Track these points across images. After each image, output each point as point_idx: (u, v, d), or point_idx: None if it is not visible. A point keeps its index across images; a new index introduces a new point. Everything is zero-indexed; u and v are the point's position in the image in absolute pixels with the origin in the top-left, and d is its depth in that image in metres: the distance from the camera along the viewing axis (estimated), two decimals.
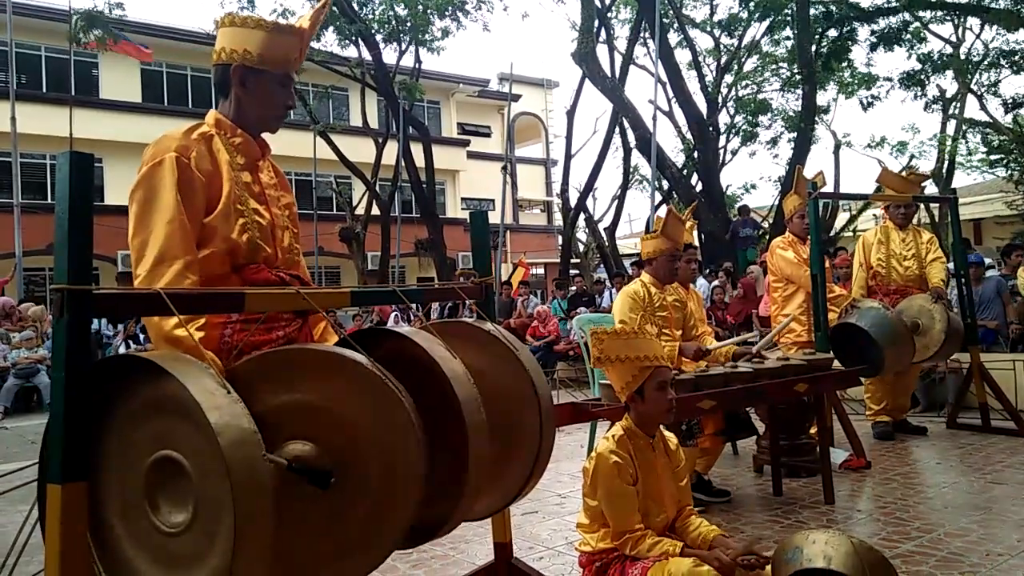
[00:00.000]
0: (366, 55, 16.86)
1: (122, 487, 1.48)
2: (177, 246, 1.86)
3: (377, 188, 18.76)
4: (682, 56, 16.79)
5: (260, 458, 1.39)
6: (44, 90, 20.32)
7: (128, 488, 1.47)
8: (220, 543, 1.35)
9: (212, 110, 2.17)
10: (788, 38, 17.22)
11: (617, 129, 17.18)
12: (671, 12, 16.40)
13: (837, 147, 21.83)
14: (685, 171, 15.85)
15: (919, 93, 17.13)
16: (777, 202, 13.86)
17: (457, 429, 1.75)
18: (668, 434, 2.72)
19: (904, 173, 6.03)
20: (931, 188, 20.48)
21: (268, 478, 1.40)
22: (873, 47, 15.01)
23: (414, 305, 2.29)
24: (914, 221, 6.07)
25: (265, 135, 2.24)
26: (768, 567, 2.31)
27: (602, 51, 15.65)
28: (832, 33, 14.35)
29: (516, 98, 23.06)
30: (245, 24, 2.06)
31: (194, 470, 1.39)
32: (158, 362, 1.43)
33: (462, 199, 27.62)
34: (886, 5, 14.37)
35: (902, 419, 5.85)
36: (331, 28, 16.15)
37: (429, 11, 16.56)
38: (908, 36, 15.68)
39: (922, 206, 17.58)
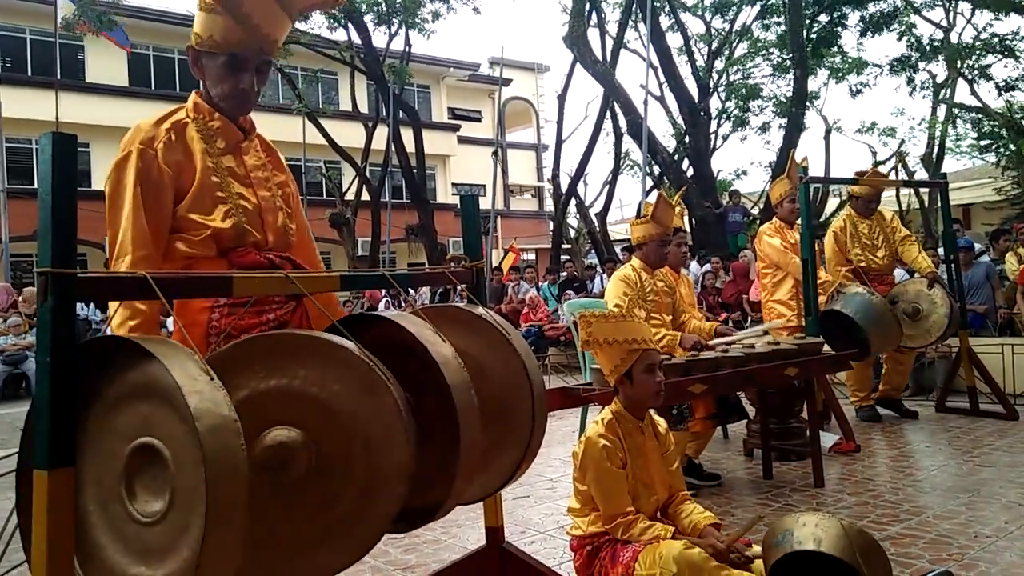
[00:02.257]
0: (355, 38, 16.72)
1: (100, 474, 1.45)
2: (131, 241, 1.87)
3: (367, 173, 18.66)
4: (673, 40, 16.74)
5: (239, 447, 1.36)
6: (29, 73, 20.08)
7: (106, 475, 1.44)
8: (193, 533, 1.32)
9: (195, 92, 2.13)
10: (778, 23, 17.16)
11: (608, 114, 17.12)
12: None
13: (828, 132, 21.87)
14: (676, 156, 15.83)
15: (910, 78, 17.12)
16: (768, 187, 13.86)
17: (448, 415, 1.74)
18: (658, 418, 2.72)
19: (870, 171, 6.00)
20: (921, 173, 20.55)
21: (245, 467, 1.37)
22: (863, 32, 14.99)
23: (410, 291, 2.27)
24: (903, 205, 6.09)
25: (255, 116, 2.21)
26: (758, 548, 2.32)
27: (593, 35, 15.57)
28: (823, 18, 14.32)
29: (507, 83, 22.94)
30: (198, 5, 2.01)
31: (172, 458, 1.37)
32: (142, 344, 1.41)
33: (453, 184, 27.52)
34: None
35: (897, 399, 5.88)
36: (318, 11, 15.98)
37: None
38: (897, 22, 15.64)
39: (912, 191, 17.74)
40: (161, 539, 1.37)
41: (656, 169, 16.17)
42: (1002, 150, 16.03)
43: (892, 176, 6.03)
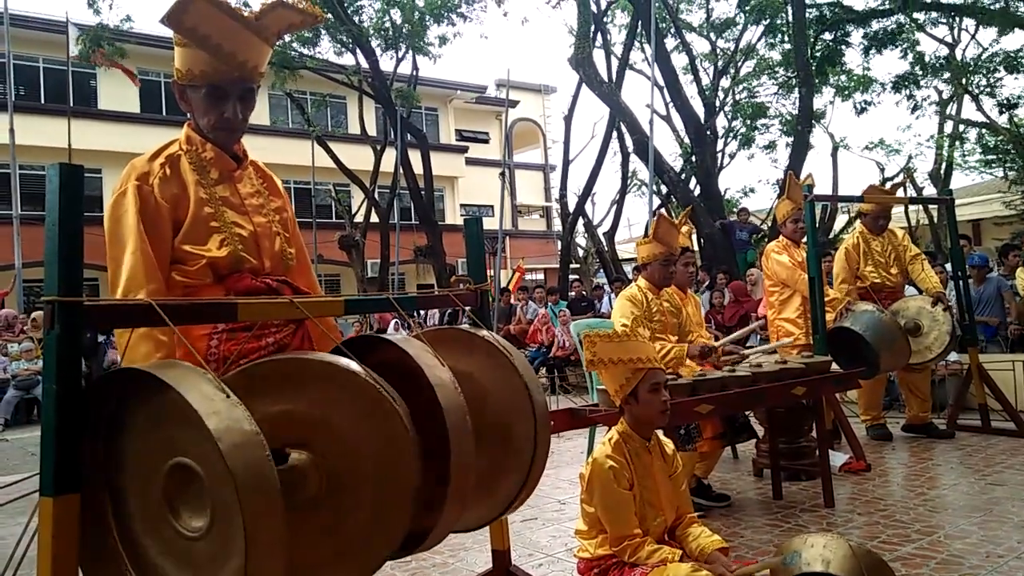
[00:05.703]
0: (363, 63, 16.90)
1: (145, 496, 1.49)
2: (140, 276, 1.89)
3: (376, 195, 18.77)
4: (679, 60, 16.84)
5: (265, 458, 1.39)
6: (42, 101, 20.37)
7: (150, 496, 1.48)
8: (237, 544, 1.36)
9: (186, 124, 2.16)
10: (783, 41, 17.24)
11: (615, 134, 17.19)
12: (667, 16, 16.43)
13: (835, 149, 21.86)
14: (683, 175, 15.85)
15: (910, 94, 17.12)
16: (774, 206, 13.83)
17: (442, 438, 1.75)
18: (665, 439, 2.72)
19: (886, 186, 5.99)
20: (929, 189, 20.49)
21: (274, 477, 1.40)
22: (867, 50, 15.03)
23: (420, 312, 2.28)
24: (913, 222, 6.09)
25: (252, 143, 2.24)
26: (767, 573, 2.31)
27: (599, 56, 15.68)
28: (827, 36, 14.37)
29: (514, 104, 23.06)
30: (174, 40, 2.03)
31: (206, 474, 1.40)
32: (153, 372, 1.43)
33: (461, 205, 27.63)
34: (880, 7, 14.39)
35: (927, 422, 5.79)
36: (326, 36, 16.19)
37: (425, 17, 16.58)
38: (901, 39, 15.67)
39: (920, 208, 17.68)
40: (209, 552, 1.41)
41: (663, 188, 16.20)
42: (1009, 165, 15.98)
43: (900, 192, 6.02)
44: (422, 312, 10.34)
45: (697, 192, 14.40)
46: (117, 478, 1.51)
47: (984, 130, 18.88)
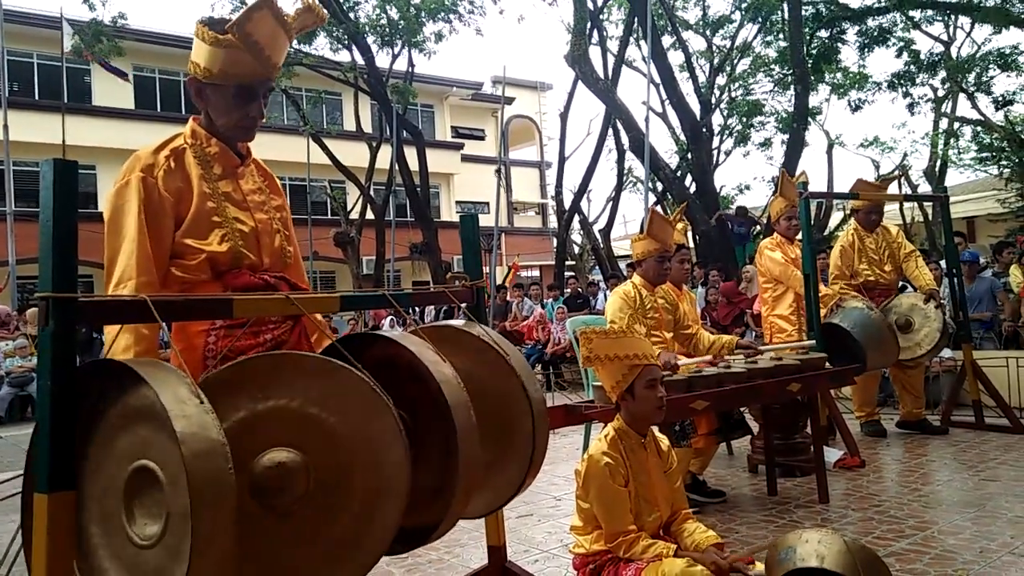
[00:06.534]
0: (359, 59, 16.86)
1: (103, 495, 1.46)
2: (135, 267, 1.88)
3: (371, 192, 18.74)
4: (675, 57, 16.82)
5: (226, 471, 1.36)
6: (36, 97, 20.28)
7: (109, 496, 1.45)
8: (183, 558, 1.32)
9: (192, 119, 2.16)
10: (779, 38, 17.24)
11: (610, 131, 17.19)
12: (663, 13, 16.42)
13: (830, 147, 21.89)
14: (679, 172, 15.86)
15: (906, 92, 17.14)
16: (769, 202, 13.83)
17: (447, 433, 1.75)
18: (660, 435, 2.72)
19: (858, 181, 5.97)
20: (924, 187, 20.53)
21: (233, 491, 1.37)
22: (862, 48, 15.05)
23: (415, 309, 2.27)
24: (908, 219, 6.09)
25: (260, 137, 2.23)
26: (761, 566, 2.32)
27: (595, 53, 15.67)
28: (823, 34, 14.38)
29: (510, 101, 23.05)
30: (199, 37, 2.02)
31: (167, 481, 1.37)
32: (135, 368, 1.42)
33: (456, 202, 27.60)
34: (876, 5, 14.40)
35: (921, 418, 5.82)
36: (322, 32, 16.15)
37: (421, 14, 16.55)
38: (896, 37, 15.69)
39: (915, 205, 17.73)
40: (155, 563, 1.37)
41: (659, 185, 16.20)
42: (1004, 163, 16.02)
43: (894, 189, 6.03)
44: (417, 309, 10.34)
45: (693, 189, 14.41)
46: (82, 472, 1.48)
47: (979, 127, 18.92)
